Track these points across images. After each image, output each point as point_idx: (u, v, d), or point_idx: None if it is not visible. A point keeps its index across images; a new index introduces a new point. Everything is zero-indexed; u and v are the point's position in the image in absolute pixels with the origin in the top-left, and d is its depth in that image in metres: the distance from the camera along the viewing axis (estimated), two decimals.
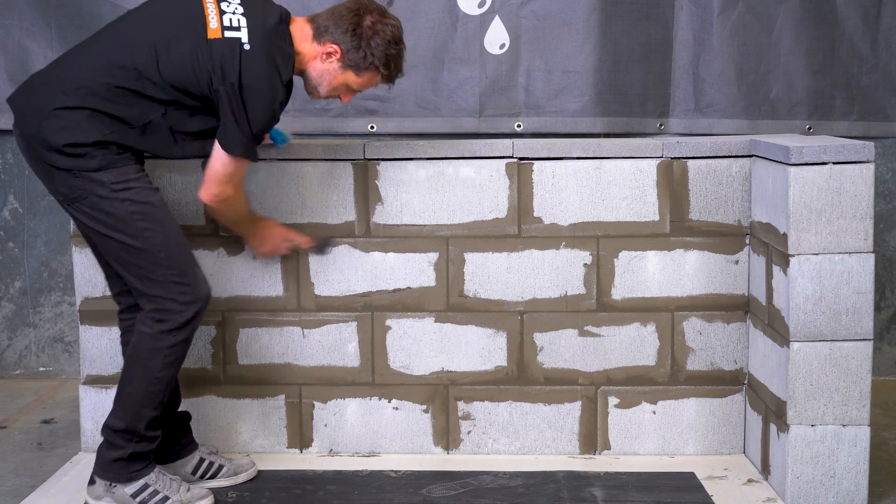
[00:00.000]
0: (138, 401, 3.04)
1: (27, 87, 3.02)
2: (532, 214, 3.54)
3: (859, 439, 3.16)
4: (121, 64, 2.93)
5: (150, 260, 2.97)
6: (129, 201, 2.93)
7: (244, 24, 2.96)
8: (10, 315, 4.59)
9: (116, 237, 2.96)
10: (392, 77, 3.13)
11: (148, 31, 2.99)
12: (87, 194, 2.94)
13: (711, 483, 3.37)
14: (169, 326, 2.99)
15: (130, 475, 3.08)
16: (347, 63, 3.06)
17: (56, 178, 2.96)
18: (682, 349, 3.56)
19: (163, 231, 2.98)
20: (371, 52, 3.04)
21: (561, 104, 4.31)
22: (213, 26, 2.95)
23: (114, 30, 3.07)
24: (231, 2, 3.02)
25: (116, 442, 3.07)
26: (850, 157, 3.08)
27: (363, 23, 3.03)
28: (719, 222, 3.52)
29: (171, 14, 3.02)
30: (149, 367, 3.02)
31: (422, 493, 3.29)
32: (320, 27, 3.06)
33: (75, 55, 3.03)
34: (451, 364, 3.60)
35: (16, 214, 4.55)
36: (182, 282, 2.99)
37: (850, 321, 3.12)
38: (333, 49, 3.05)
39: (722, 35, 4.29)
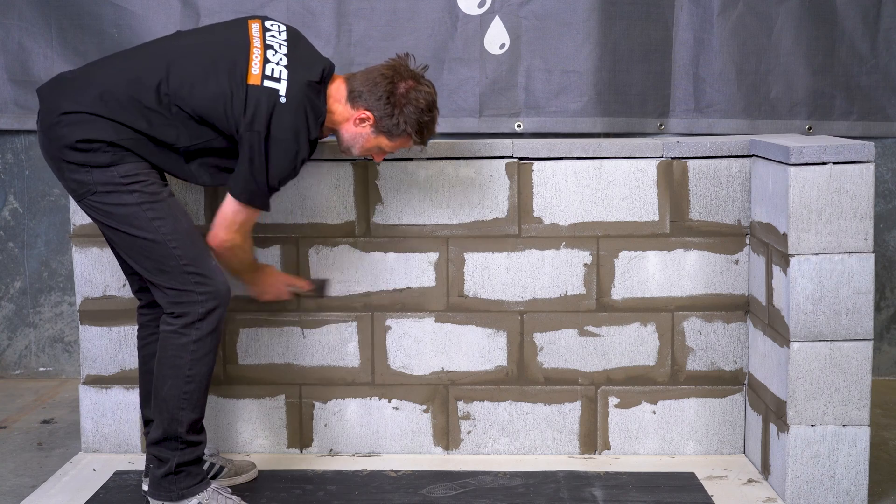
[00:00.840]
0: (174, 403, 2.99)
1: (56, 82, 3.02)
2: (532, 214, 3.54)
3: (859, 439, 3.16)
4: (154, 83, 2.94)
5: (162, 252, 2.95)
6: (137, 193, 2.93)
7: (285, 77, 2.98)
8: (10, 315, 4.59)
9: (127, 230, 2.96)
10: (425, 142, 3.15)
11: (189, 58, 2.99)
12: (96, 189, 2.94)
13: (711, 483, 3.37)
14: (190, 319, 2.96)
15: (182, 492, 3.02)
16: (380, 129, 3.08)
17: (67, 172, 2.96)
18: (682, 349, 3.56)
19: (173, 221, 2.97)
20: (404, 119, 3.05)
21: (561, 104, 4.31)
22: (254, 72, 2.96)
23: (158, 47, 3.08)
24: (278, 50, 3.03)
25: (161, 455, 3.02)
26: (850, 157, 3.08)
27: (397, 90, 3.04)
28: (719, 222, 3.52)
29: (217, 47, 3.03)
30: (178, 366, 2.98)
31: (422, 493, 3.29)
32: (354, 91, 3.07)
33: (111, 62, 3.05)
34: (451, 364, 3.60)
35: (16, 214, 4.55)
36: (196, 272, 2.96)
37: (850, 321, 3.12)
38: (366, 115, 3.06)
39: (722, 35, 4.29)
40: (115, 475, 3.45)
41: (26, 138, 4.48)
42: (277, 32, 3.09)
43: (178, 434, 3.00)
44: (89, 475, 3.45)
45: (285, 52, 3.03)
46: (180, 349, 2.97)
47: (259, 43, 3.02)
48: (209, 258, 3.02)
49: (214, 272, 3.00)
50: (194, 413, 3.02)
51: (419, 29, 4.29)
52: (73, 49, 4.33)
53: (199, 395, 3.02)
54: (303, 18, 4.29)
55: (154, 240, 2.95)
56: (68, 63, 4.33)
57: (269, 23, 3.12)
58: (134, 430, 3.63)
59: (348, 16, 4.30)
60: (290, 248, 3.56)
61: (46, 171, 4.49)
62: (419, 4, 4.29)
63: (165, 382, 3.00)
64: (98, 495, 3.30)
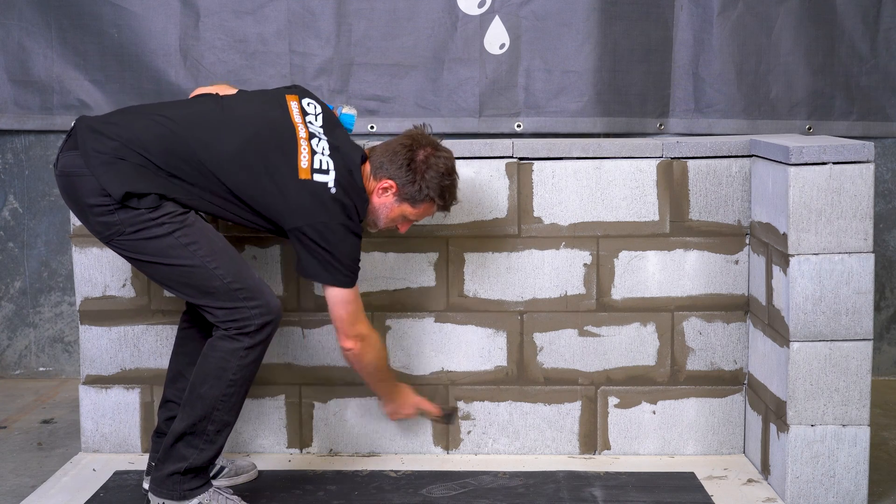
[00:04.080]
0: (211, 402, 2.97)
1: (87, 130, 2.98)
2: (532, 214, 3.54)
3: (859, 439, 3.16)
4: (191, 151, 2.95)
5: (203, 275, 2.93)
6: (166, 224, 2.92)
7: (332, 167, 3.01)
8: (10, 315, 4.59)
9: (163, 261, 2.94)
10: (447, 206, 3.16)
11: (233, 135, 2.99)
12: (122, 230, 2.92)
13: (711, 483, 3.37)
14: (246, 330, 2.95)
15: (184, 493, 3.01)
16: (403, 196, 3.09)
17: (91, 216, 2.95)
18: (682, 349, 3.56)
19: (208, 243, 2.95)
20: (426, 185, 3.07)
21: (561, 104, 4.31)
22: (303, 166, 2.99)
23: (196, 113, 3.06)
24: (321, 138, 3.06)
25: (178, 451, 3.00)
26: (850, 157, 3.08)
27: (416, 157, 3.07)
28: (719, 222, 3.52)
29: (263, 131, 3.03)
30: (223, 369, 2.96)
31: (422, 494, 3.29)
32: (375, 164, 3.10)
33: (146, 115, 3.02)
34: (451, 364, 3.60)
35: (16, 214, 4.55)
36: (243, 287, 2.95)
37: (850, 321, 3.12)
38: (389, 184, 3.08)
39: (722, 35, 4.29)
40: (115, 475, 3.45)
41: (26, 138, 4.48)
42: (315, 117, 3.12)
43: (207, 431, 2.99)
44: (89, 475, 3.45)
45: (327, 140, 3.07)
46: (230, 354, 2.96)
47: (304, 132, 3.05)
48: (253, 274, 3.00)
49: (261, 286, 2.98)
50: (229, 416, 3.01)
51: (419, 29, 4.29)
52: (73, 49, 4.33)
53: (238, 399, 3.01)
54: (303, 18, 4.29)
55: (193, 265, 2.93)
56: (68, 63, 4.33)
57: (305, 102, 3.14)
58: (134, 430, 3.63)
59: (348, 16, 4.30)
60: (290, 249, 3.55)
61: (46, 171, 4.49)
62: (419, 4, 4.29)
63: (206, 381, 2.97)
64: (98, 495, 3.30)
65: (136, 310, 3.59)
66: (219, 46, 4.32)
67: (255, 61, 4.31)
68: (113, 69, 4.33)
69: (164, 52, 4.31)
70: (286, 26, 4.30)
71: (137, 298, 3.58)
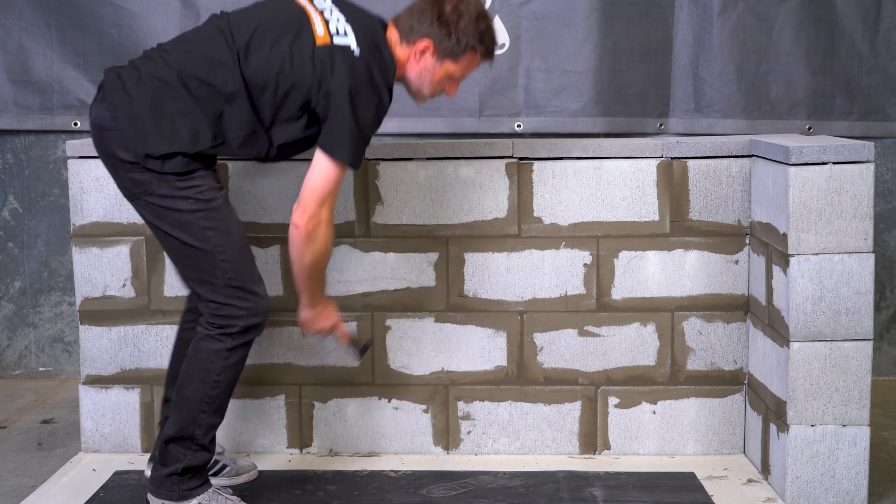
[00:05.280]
0: (196, 405, 2.97)
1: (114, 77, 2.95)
2: (532, 214, 3.54)
3: (859, 439, 3.16)
4: (209, 60, 2.90)
5: (209, 261, 2.92)
6: (192, 199, 2.90)
7: (350, 31, 2.94)
8: (10, 315, 4.59)
9: (178, 236, 2.92)
10: (490, 52, 3.06)
11: (244, 31, 2.94)
12: (151, 190, 2.90)
13: (711, 483, 3.37)
14: (229, 331, 2.94)
15: (183, 493, 3.01)
16: (443, 53, 3.01)
17: (122, 171, 2.93)
18: (682, 349, 3.56)
19: (224, 232, 2.93)
20: (462, 34, 2.98)
21: (561, 104, 4.31)
22: (320, 34, 2.92)
23: (209, 29, 3.02)
24: (332, 10, 2.99)
25: (171, 453, 3.00)
26: (850, 157, 3.08)
27: (445, 10, 2.99)
28: (719, 222, 3.52)
29: (271, 18, 2.98)
30: (207, 370, 2.96)
31: (422, 494, 3.29)
32: (404, 28, 3.02)
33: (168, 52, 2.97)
34: (451, 364, 3.60)
35: (16, 214, 4.55)
36: (241, 287, 2.93)
37: (850, 321, 3.12)
38: (425, 44, 3.00)
39: (722, 35, 4.29)
40: (115, 475, 3.45)
41: (26, 138, 4.48)
42: (322, 0, 3.04)
43: (195, 435, 2.99)
44: (89, 475, 3.45)
45: (340, 12, 2.99)
46: (213, 354, 2.96)
47: (313, 10, 2.97)
48: (255, 272, 2.99)
49: (258, 286, 2.97)
50: (214, 417, 3.01)
51: None
52: (73, 49, 4.33)
53: (222, 400, 3.01)
54: None
55: (203, 249, 2.91)
56: (68, 63, 4.33)
57: None
58: (134, 430, 3.63)
59: None
60: None
61: (46, 171, 4.49)
62: None
63: (192, 383, 2.98)
64: (98, 495, 3.30)
65: (136, 310, 3.59)
66: None
67: None
68: None
69: None
70: None
71: (137, 298, 3.58)
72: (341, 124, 2.90)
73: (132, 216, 3.55)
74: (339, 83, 2.88)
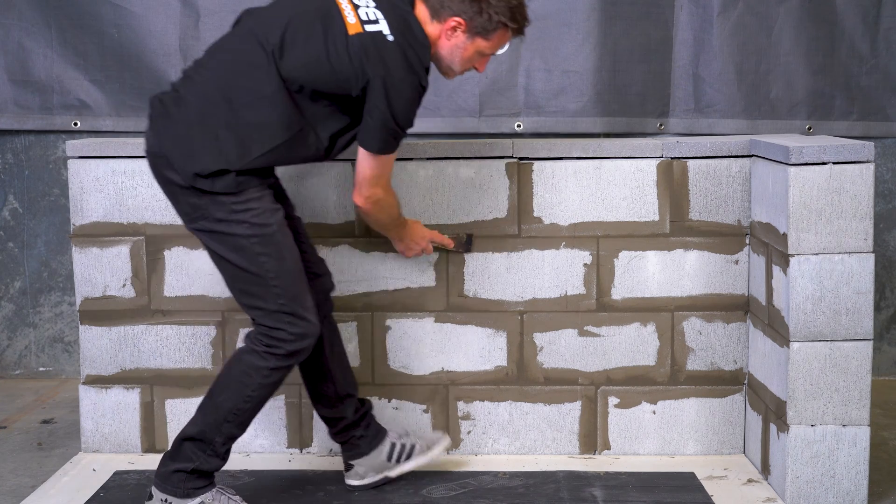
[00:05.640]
0: (224, 413, 2.98)
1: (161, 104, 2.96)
2: (532, 214, 3.54)
3: (859, 439, 3.16)
4: (245, 64, 2.90)
5: (262, 287, 2.92)
6: (247, 224, 2.89)
7: (381, 17, 2.92)
8: (10, 315, 4.59)
9: (232, 259, 2.92)
10: (521, 28, 3.06)
11: (276, 29, 2.92)
12: (207, 214, 2.89)
13: (711, 483, 3.37)
14: (276, 351, 2.94)
15: (188, 491, 3.01)
16: (474, 30, 2.99)
17: (180, 196, 2.92)
18: (682, 349, 3.56)
19: (278, 259, 2.93)
20: (493, 10, 2.96)
21: (561, 104, 4.31)
22: (351, 21, 2.90)
23: (239, 32, 3.01)
24: None
25: (185, 451, 3.01)
26: (850, 157, 3.08)
27: None
28: (719, 222, 3.52)
29: (301, 12, 2.95)
30: (244, 383, 2.96)
31: (422, 494, 3.29)
32: (434, 5, 2.98)
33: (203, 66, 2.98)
34: (451, 364, 3.60)
35: (16, 214, 4.55)
36: (293, 313, 2.93)
37: (850, 321, 3.12)
38: (457, 21, 2.97)
39: (722, 35, 4.29)
40: (115, 475, 3.45)
41: (26, 138, 4.48)
42: None
43: (214, 441, 3.00)
44: (89, 475, 3.45)
45: None
46: (254, 370, 2.96)
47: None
48: (307, 298, 2.98)
49: (309, 312, 2.97)
50: (237, 430, 3.02)
51: None
52: (73, 49, 4.33)
53: (250, 416, 3.02)
54: None
55: (257, 273, 2.91)
56: (68, 63, 4.33)
57: None
58: (134, 430, 3.63)
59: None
60: None
61: (46, 171, 4.49)
62: None
63: (225, 391, 2.99)
64: (98, 495, 3.30)
65: (136, 310, 3.59)
66: None
67: None
68: (113, 69, 4.33)
69: (164, 52, 4.30)
70: None
71: (137, 298, 3.58)
72: (376, 114, 2.91)
73: (132, 216, 3.56)
74: (375, 71, 2.87)
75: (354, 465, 3.30)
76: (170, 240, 3.56)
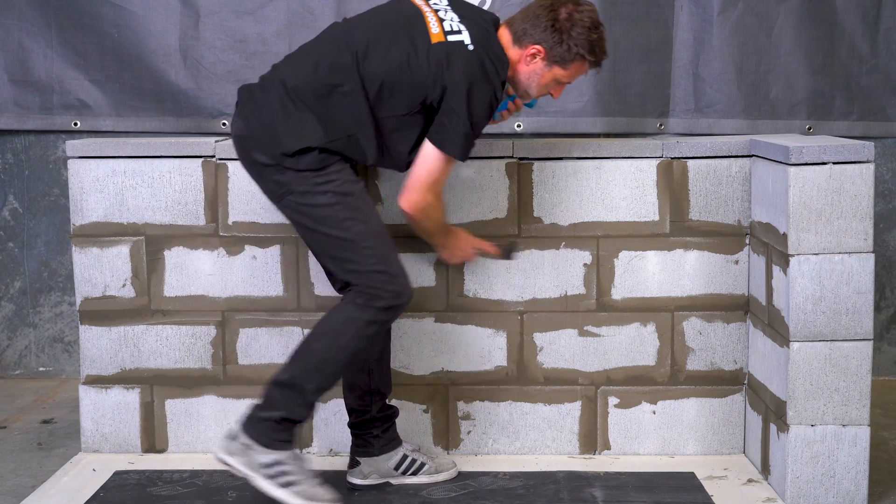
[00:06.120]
0: (317, 361, 3.05)
1: (245, 91, 3.13)
2: (532, 214, 3.54)
3: (859, 439, 3.16)
4: (329, 62, 3.03)
5: (353, 250, 3.02)
6: (330, 193, 3.01)
7: (464, 28, 3.04)
8: (10, 315, 4.59)
9: (320, 230, 3.04)
10: (599, 61, 3.15)
11: (362, 33, 3.07)
12: (292, 189, 3.02)
13: (711, 483, 3.37)
14: (375, 304, 3.02)
15: (271, 442, 3.03)
16: (553, 59, 3.09)
17: (264, 174, 3.07)
18: (682, 349, 3.56)
19: (363, 221, 3.03)
20: (574, 42, 3.06)
21: (561, 104, 4.31)
22: (434, 31, 3.03)
23: (328, 34, 3.17)
24: (447, 10, 3.09)
25: (276, 400, 3.05)
26: (850, 157, 3.08)
27: (559, 16, 3.06)
28: (719, 222, 3.52)
29: (392, 21, 3.10)
30: (339, 332, 3.04)
31: (422, 495, 3.29)
32: (517, 31, 3.10)
33: (290, 60, 3.15)
34: (451, 364, 3.60)
35: (16, 214, 4.55)
36: (385, 270, 3.03)
37: (850, 321, 3.12)
38: (536, 49, 3.08)
39: (722, 35, 4.29)
40: (115, 475, 3.45)
41: (26, 138, 4.48)
42: (438, 0, 3.15)
43: (304, 389, 3.04)
44: (89, 475, 3.45)
45: (454, 12, 3.10)
46: (351, 321, 3.03)
47: (428, 9, 3.09)
48: (396, 257, 3.08)
49: (401, 272, 3.06)
50: (327, 381, 3.08)
51: None
52: (73, 49, 4.33)
53: (340, 367, 3.08)
54: (303, 18, 4.29)
55: (346, 238, 3.02)
56: (68, 63, 4.33)
57: None
58: (134, 431, 3.63)
59: (348, 16, 4.29)
60: (290, 248, 3.56)
61: (46, 171, 4.49)
62: None
63: (321, 340, 3.06)
64: (98, 495, 3.30)
65: (136, 310, 3.59)
66: (219, 46, 4.32)
67: (255, 61, 4.31)
68: (113, 69, 4.33)
69: (164, 52, 4.31)
70: (286, 26, 4.30)
71: (137, 298, 3.58)
72: (454, 118, 3.01)
73: (132, 216, 3.56)
74: (455, 77, 2.99)
75: (361, 462, 3.32)
76: (170, 240, 3.56)
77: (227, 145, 3.55)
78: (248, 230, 3.55)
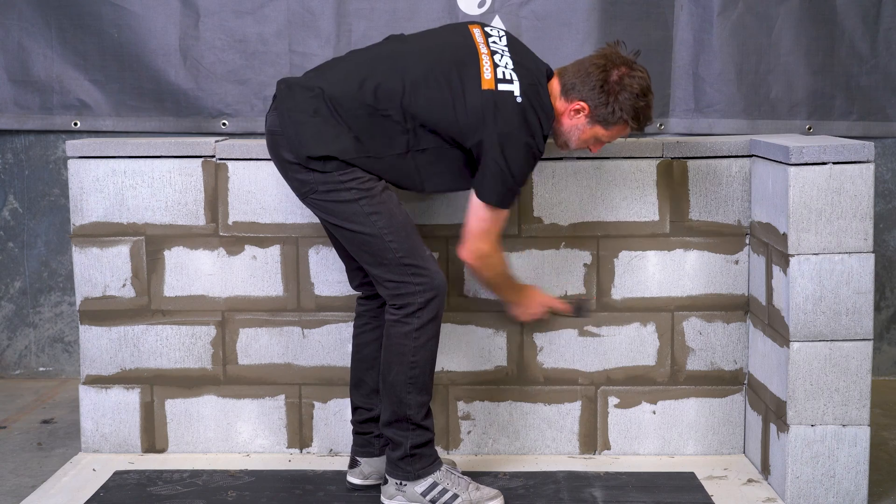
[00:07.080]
0: (401, 388, 3.08)
1: (284, 88, 3.11)
2: (532, 214, 3.54)
3: (859, 439, 3.16)
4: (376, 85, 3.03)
5: (379, 245, 3.03)
6: (354, 189, 3.02)
7: (516, 78, 3.03)
8: (10, 315, 4.59)
9: (347, 226, 3.06)
10: (642, 128, 3.14)
11: (420, 65, 3.06)
12: (317, 188, 3.04)
13: (711, 483, 3.37)
14: (411, 309, 3.04)
15: (418, 472, 3.12)
16: (596, 118, 3.09)
17: (290, 172, 3.09)
18: (682, 349, 3.56)
19: (388, 216, 3.04)
20: (619, 106, 3.05)
21: None
22: (486, 77, 3.02)
23: (382, 51, 3.17)
24: (503, 54, 3.08)
25: (395, 437, 3.12)
26: (850, 157, 3.08)
27: (610, 78, 3.05)
28: (719, 222, 3.52)
29: (445, 54, 3.09)
30: (402, 353, 3.06)
31: None
32: (567, 84, 3.10)
33: (337, 68, 3.13)
34: (451, 364, 3.59)
35: (16, 214, 4.55)
36: (412, 263, 3.04)
37: (850, 321, 3.12)
38: (581, 106, 3.07)
39: (722, 35, 4.29)
40: (115, 475, 3.45)
41: (26, 138, 4.48)
42: (498, 38, 3.14)
43: (408, 416, 3.09)
44: (89, 475, 3.45)
45: (510, 55, 3.08)
46: (403, 337, 3.05)
47: (486, 49, 3.08)
48: (424, 250, 3.08)
49: (429, 263, 3.07)
50: (421, 396, 3.10)
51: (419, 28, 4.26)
52: (73, 49, 4.33)
53: (425, 378, 3.10)
54: (303, 18, 4.29)
55: (371, 233, 3.03)
56: (68, 63, 4.33)
57: (488, 28, 3.17)
58: (134, 431, 3.63)
59: (348, 16, 4.30)
60: (290, 248, 3.56)
61: (46, 171, 4.49)
62: (419, 4, 4.29)
63: (392, 369, 3.08)
64: (98, 495, 3.30)
65: (136, 310, 3.59)
66: (219, 46, 4.32)
67: (255, 61, 4.31)
68: (113, 69, 4.33)
69: (164, 52, 4.31)
70: (286, 26, 4.30)
71: (137, 298, 3.58)
72: (492, 169, 3.02)
73: (132, 216, 3.56)
74: (497, 129, 2.99)
75: (361, 462, 3.32)
76: (170, 240, 3.56)
77: (227, 145, 3.55)
78: (248, 230, 3.55)
